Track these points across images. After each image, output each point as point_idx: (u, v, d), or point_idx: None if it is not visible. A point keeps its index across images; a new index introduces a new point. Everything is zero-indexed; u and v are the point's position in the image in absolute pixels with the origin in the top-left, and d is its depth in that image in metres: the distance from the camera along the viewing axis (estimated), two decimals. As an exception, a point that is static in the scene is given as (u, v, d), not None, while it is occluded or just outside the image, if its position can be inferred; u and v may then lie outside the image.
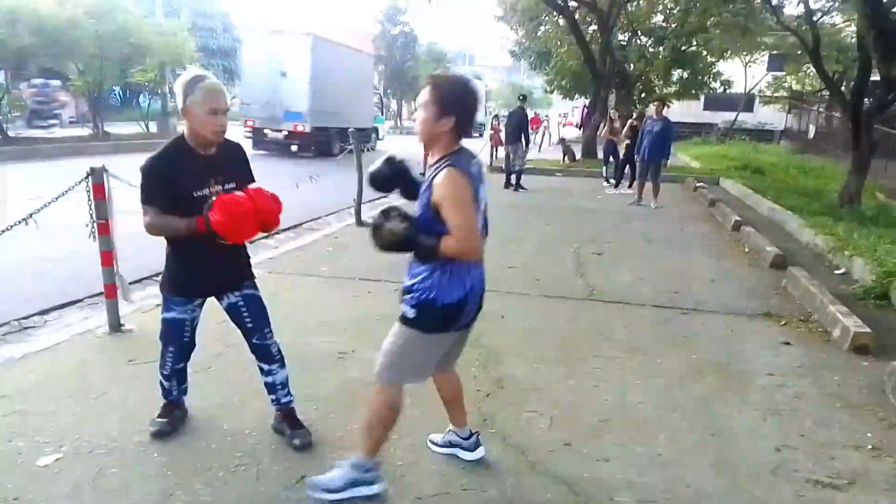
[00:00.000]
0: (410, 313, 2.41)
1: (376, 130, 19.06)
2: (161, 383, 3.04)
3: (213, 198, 2.60)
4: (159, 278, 2.96)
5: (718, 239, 8.39)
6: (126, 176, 4.48)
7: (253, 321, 2.94)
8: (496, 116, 20.17)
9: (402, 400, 2.55)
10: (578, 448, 3.05)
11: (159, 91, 21.87)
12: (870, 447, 3.16)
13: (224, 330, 4.13)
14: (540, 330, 4.67)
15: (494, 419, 3.30)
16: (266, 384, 3.04)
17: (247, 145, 8.40)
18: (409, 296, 2.42)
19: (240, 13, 63.91)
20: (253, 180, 2.89)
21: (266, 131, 17.72)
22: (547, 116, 33.39)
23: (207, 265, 2.78)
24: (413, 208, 2.39)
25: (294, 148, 17.59)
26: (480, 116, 27.06)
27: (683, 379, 3.88)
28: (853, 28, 14.98)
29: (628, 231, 8.72)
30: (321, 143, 18.00)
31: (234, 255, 2.86)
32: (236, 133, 8.55)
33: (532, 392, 3.62)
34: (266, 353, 3.00)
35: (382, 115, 24.76)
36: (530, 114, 29.53)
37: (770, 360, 4.20)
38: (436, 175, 2.28)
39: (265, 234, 2.91)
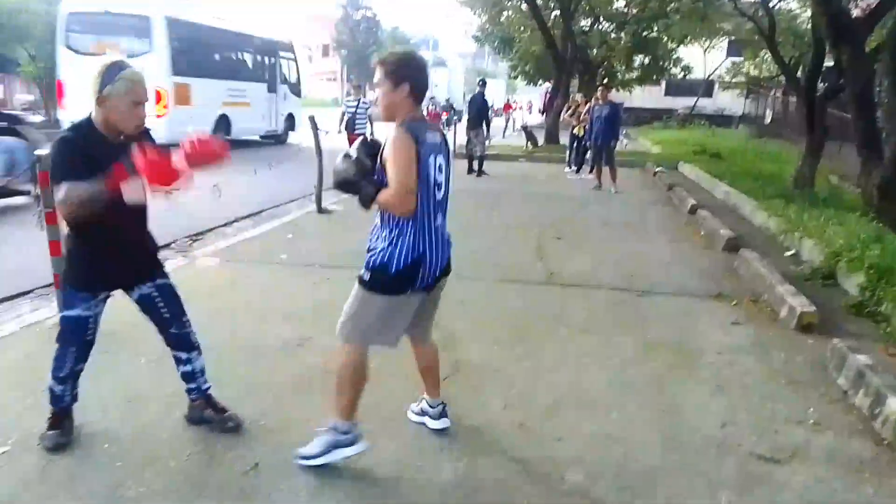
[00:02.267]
0: (366, 275, 2.57)
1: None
2: (51, 390, 2.77)
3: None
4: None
5: (675, 223, 8.55)
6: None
7: (170, 311, 2.84)
8: (431, 99, 19.97)
9: (365, 362, 2.64)
10: (532, 428, 3.10)
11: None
12: (811, 422, 3.27)
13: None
14: (498, 314, 4.72)
15: (451, 401, 3.30)
16: (184, 374, 2.93)
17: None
18: (368, 255, 2.58)
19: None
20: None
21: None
22: (516, 101, 34.64)
23: (116, 255, 2.64)
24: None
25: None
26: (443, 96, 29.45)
27: (636, 359, 3.96)
28: (809, 14, 15.28)
29: (588, 216, 8.83)
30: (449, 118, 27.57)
31: (142, 245, 2.75)
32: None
33: (489, 374, 3.67)
34: (185, 341, 2.89)
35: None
36: (503, 100, 29.81)
37: (720, 339, 4.31)
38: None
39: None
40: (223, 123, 15.67)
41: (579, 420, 3.20)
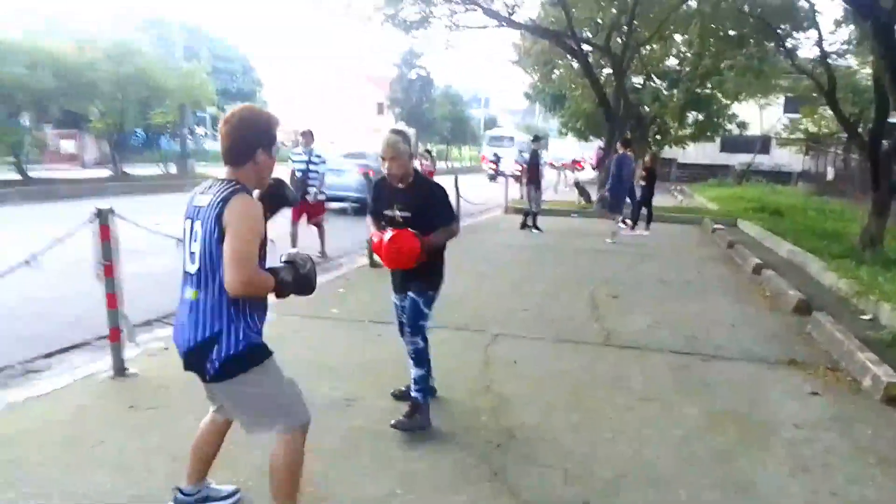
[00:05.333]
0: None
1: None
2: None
3: (396, 217, 3.45)
4: (167, 321, 2.87)
5: (737, 282, 8.20)
6: (138, 216, 4.45)
7: (407, 321, 3.61)
8: (427, 151, 18.31)
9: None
10: (594, 506, 2.88)
11: (179, 133, 22.24)
12: (907, 508, 2.96)
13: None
14: (553, 376, 4.51)
15: (506, 473, 3.13)
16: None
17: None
18: None
19: (260, 58, 65.43)
20: (440, 214, 3.48)
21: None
22: (583, 158, 38.40)
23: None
24: None
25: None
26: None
27: (703, 431, 3.69)
28: (868, 70, 14.94)
29: (644, 273, 8.56)
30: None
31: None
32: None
33: (544, 444, 3.46)
34: (409, 353, 3.62)
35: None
36: (573, 157, 30.14)
37: (797, 412, 4.00)
38: None
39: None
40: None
41: (646, 498, 2.95)
